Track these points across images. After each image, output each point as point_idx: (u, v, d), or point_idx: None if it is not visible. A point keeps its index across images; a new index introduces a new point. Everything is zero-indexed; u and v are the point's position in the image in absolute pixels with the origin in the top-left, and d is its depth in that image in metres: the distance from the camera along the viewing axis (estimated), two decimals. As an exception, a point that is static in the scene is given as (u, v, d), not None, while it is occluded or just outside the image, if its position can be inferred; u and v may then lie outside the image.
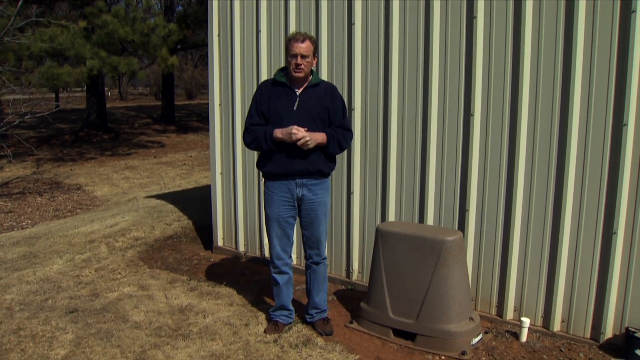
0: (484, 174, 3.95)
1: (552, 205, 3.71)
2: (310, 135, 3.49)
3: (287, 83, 3.64)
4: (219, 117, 5.49)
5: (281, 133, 3.52)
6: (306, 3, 4.69)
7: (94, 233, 6.30)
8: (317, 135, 3.54)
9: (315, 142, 3.52)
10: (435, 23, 4.02)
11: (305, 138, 3.47)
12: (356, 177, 4.60)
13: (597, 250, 3.58)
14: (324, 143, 3.58)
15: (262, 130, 3.59)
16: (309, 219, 3.74)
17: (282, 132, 3.52)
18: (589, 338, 3.68)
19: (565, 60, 3.56)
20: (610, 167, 3.48)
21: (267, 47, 5.02)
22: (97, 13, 12.51)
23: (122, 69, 12.71)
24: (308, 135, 3.48)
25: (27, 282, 4.78)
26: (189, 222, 6.63)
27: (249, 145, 3.70)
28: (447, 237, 3.56)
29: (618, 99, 3.41)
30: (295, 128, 3.47)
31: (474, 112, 3.91)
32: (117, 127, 19.23)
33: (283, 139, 3.51)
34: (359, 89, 4.48)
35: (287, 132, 3.49)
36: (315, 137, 3.52)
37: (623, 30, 3.35)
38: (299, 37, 3.51)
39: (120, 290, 4.53)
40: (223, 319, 3.98)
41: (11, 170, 12.54)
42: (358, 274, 4.72)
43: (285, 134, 3.50)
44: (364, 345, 3.69)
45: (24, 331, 3.79)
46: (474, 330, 3.62)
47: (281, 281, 3.81)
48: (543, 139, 3.69)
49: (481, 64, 3.86)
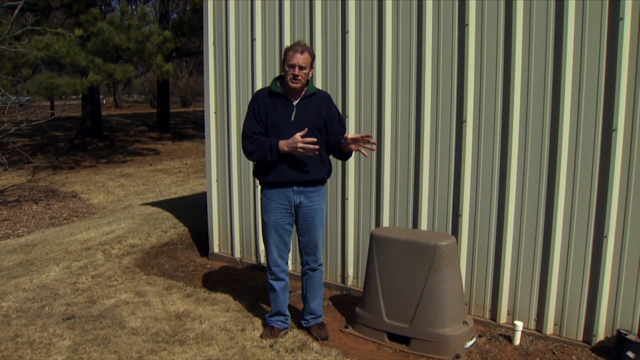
0: (477, 180, 4.00)
1: (544, 209, 3.76)
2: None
3: (283, 93, 3.64)
4: (215, 125, 5.53)
5: (287, 145, 3.49)
6: (300, 12, 4.74)
7: (90, 240, 6.32)
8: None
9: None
10: (428, 31, 4.08)
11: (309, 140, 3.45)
12: (351, 184, 4.64)
13: (589, 254, 3.63)
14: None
15: (267, 142, 3.55)
16: (306, 226, 3.77)
17: (288, 144, 3.49)
18: (581, 341, 3.72)
19: (555, 67, 3.62)
20: (601, 171, 3.54)
21: (261, 55, 5.07)
22: (93, 21, 12.54)
23: (118, 77, 12.74)
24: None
25: (24, 289, 4.79)
26: (184, 229, 6.65)
27: (250, 155, 3.64)
28: (440, 242, 3.60)
29: (607, 105, 3.47)
30: (299, 136, 3.46)
31: (466, 118, 3.97)
32: (112, 134, 19.24)
33: (290, 151, 3.50)
34: (352, 96, 4.53)
35: (293, 146, 3.47)
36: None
37: (611, 37, 3.42)
38: (298, 48, 3.51)
39: (117, 297, 4.55)
40: (219, 325, 4.00)
41: (7, 178, 12.53)
42: (353, 280, 4.76)
43: (291, 148, 3.48)
44: (359, 350, 3.72)
45: (21, 338, 3.80)
46: (467, 334, 3.66)
47: (278, 287, 3.84)
48: (534, 144, 3.75)
49: (473, 71, 3.92)
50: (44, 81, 12.04)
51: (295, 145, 3.45)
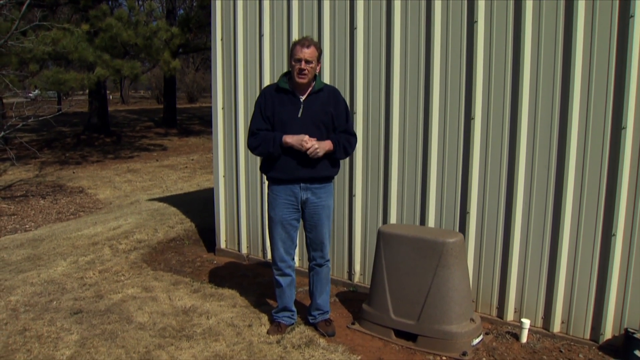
0: (485, 177, 3.99)
1: (552, 207, 3.75)
2: (318, 144, 3.52)
3: (290, 90, 3.64)
4: (222, 121, 5.54)
5: (292, 139, 3.51)
6: (309, 8, 4.74)
7: (97, 235, 6.34)
8: (325, 144, 3.56)
9: (323, 151, 3.55)
10: (437, 27, 4.06)
11: (315, 146, 3.49)
12: (358, 180, 4.64)
13: (597, 252, 3.62)
14: (331, 150, 3.62)
15: (271, 135, 3.59)
16: (313, 222, 3.77)
17: (293, 138, 3.51)
18: (588, 339, 3.72)
19: (564, 64, 3.60)
20: (610, 169, 3.52)
21: (269, 51, 5.06)
22: (101, 16, 12.57)
23: (126, 72, 12.78)
24: (317, 144, 3.51)
25: (32, 283, 4.82)
26: (191, 224, 6.67)
27: (254, 150, 3.68)
28: (448, 239, 3.60)
29: (617, 103, 3.45)
30: (308, 138, 3.49)
31: (474, 115, 3.96)
32: (119, 130, 19.30)
33: (293, 144, 3.51)
34: (361, 92, 4.53)
35: (299, 139, 3.49)
36: (324, 146, 3.55)
37: (621, 34, 3.39)
38: (304, 42, 3.53)
39: (124, 292, 4.57)
40: (226, 320, 4.01)
41: (14, 173, 12.60)
42: (360, 276, 4.76)
43: (296, 141, 3.50)
44: (366, 346, 3.72)
45: (29, 332, 3.83)
46: (474, 331, 3.65)
47: (284, 283, 3.85)
48: (543, 141, 3.73)
49: (482, 68, 3.90)
50: (51, 76, 12.09)
51: (301, 140, 3.48)
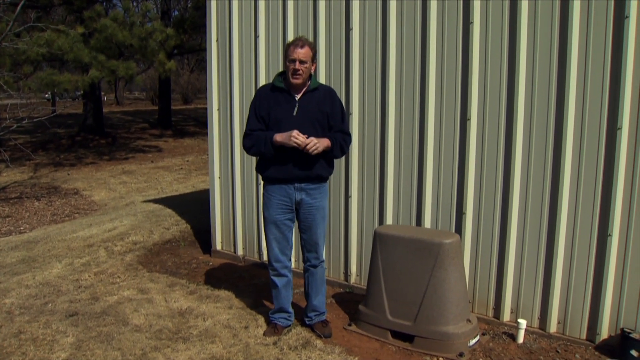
0: (481, 177, 3.99)
1: (547, 207, 3.75)
2: (317, 140, 3.51)
3: (285, 88, 3.65)
4: (218, 122, 5.53)
5: (281, 137, 3.52)
6: (304, 9, 4.73)
7: (93, 237, 6.32)
8: (323, 141, 3.57)
9: (323, 147, 3.55)
10: (433, 27, 4.07)
11: (314, 142, 3.48)
12: (354, 181, 4.64)
13: (593, 252, 3.63)
14: (329, 147, 3.62)
15: (263, 134, 3.60)
16: (307, 223, 3.77)
17: (282, 136, 3.52)
18: (584, 339, 3.72)
19: (560, 65, 3.61)
20: (605, 170, 3.53)
21: (265, 52, 5.06)
22: (96, 17, 12.53)
23: (121, 73, 12.74)
24: (315, 140, 3.50)
25: (27, 286, 4.79)
26: (187, 226, 6.66)
27: (248, 150, 3.71)
28: (444, 240, 3.60)
29: (612, 103, 3.46)
30: (296, 132, 3.48)
31: (470, 116, 3.96)
32: (114, 131, 19.24)
33: (283, 142, 3.51)
34: (356, 93, 4.52)
35: (288, 136, 3.49)
36: (322, 143, 3.55)
37: (617, 34, 3.40)
38: (298, 43, 3.54)
39: (120, 294, 4.55)
40: (223, 322, 4.00)
41: (8, 175, 12.54)
42: (356, 277, 4.76)
43: (285, 138, 3.51)
44: (363, 347, 3.72)
45: (24, 335, 3.80)
46: (471, 331, 3.65)
47: (280, 284, 3.84)
48: (539, 142, 3.74)
49: (477, 68, 3.91)
50: (45, 78, 12.03)
51: (290, 135, 3.47)
